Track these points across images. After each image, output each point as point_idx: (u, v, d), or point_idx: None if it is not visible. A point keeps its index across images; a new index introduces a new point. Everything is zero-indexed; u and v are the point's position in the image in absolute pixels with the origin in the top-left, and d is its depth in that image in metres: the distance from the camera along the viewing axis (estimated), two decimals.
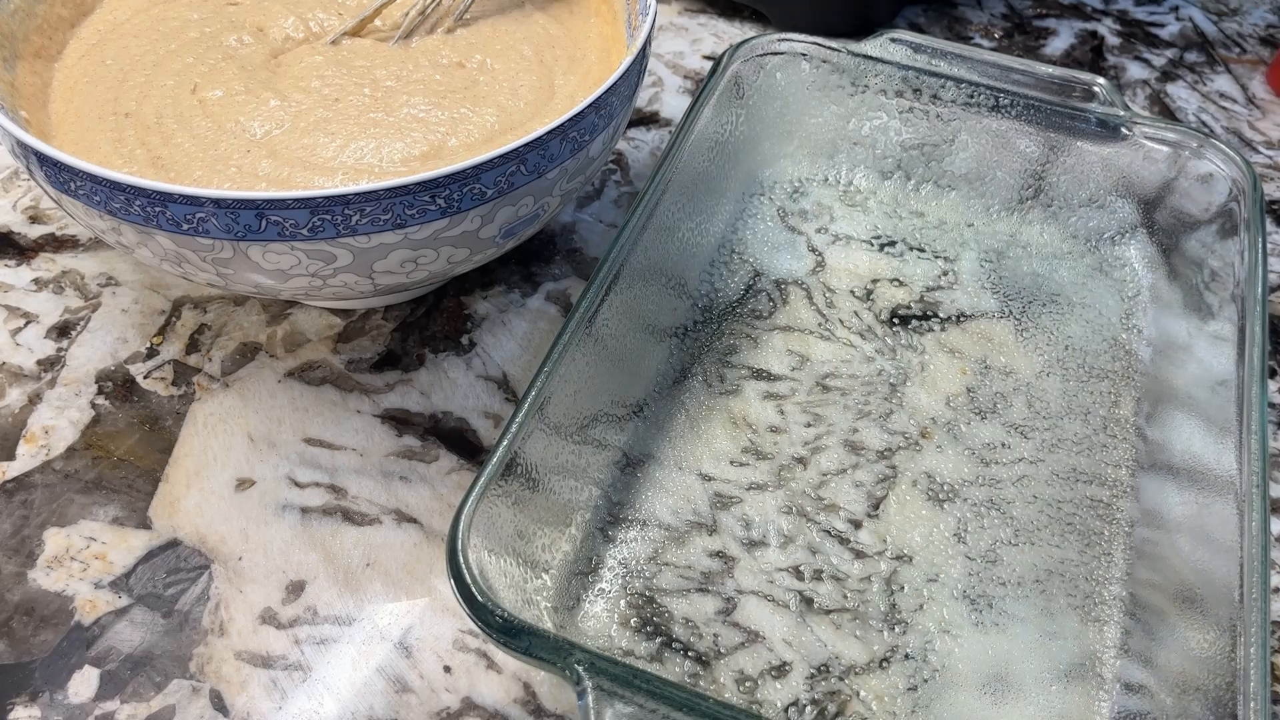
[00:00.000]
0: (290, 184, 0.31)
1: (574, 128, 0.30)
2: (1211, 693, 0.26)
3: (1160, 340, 0.37)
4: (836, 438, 0.34)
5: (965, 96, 0.40)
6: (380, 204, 0.28)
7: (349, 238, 0.28)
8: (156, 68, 0.35)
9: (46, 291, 0.38)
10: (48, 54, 0.36)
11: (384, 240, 0.29)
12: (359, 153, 0.32)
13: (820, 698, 0.29)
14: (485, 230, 0.31)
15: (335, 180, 0.31)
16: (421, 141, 0.33)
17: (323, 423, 0.35)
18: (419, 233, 0.29)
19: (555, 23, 0.39)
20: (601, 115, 0.31)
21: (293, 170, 0.31)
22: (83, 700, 0.28)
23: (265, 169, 0.31)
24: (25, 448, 0.34)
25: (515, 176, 0.29)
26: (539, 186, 0.31)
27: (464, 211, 0.29)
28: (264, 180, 0.31)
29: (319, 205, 0.27)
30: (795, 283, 0.39)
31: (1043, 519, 0.32)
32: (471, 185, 0.29)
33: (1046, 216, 0.41)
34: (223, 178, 0.31)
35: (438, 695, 0.29)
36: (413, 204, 0.28)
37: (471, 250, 0.32)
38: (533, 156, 0.29)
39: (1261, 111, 0.50)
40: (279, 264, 0.29)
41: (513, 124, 0.34)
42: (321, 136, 0.33)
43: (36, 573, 0.31)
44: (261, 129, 0.33)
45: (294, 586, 0.31)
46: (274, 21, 0.37)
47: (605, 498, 0.32)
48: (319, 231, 0.28)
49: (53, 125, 0.34)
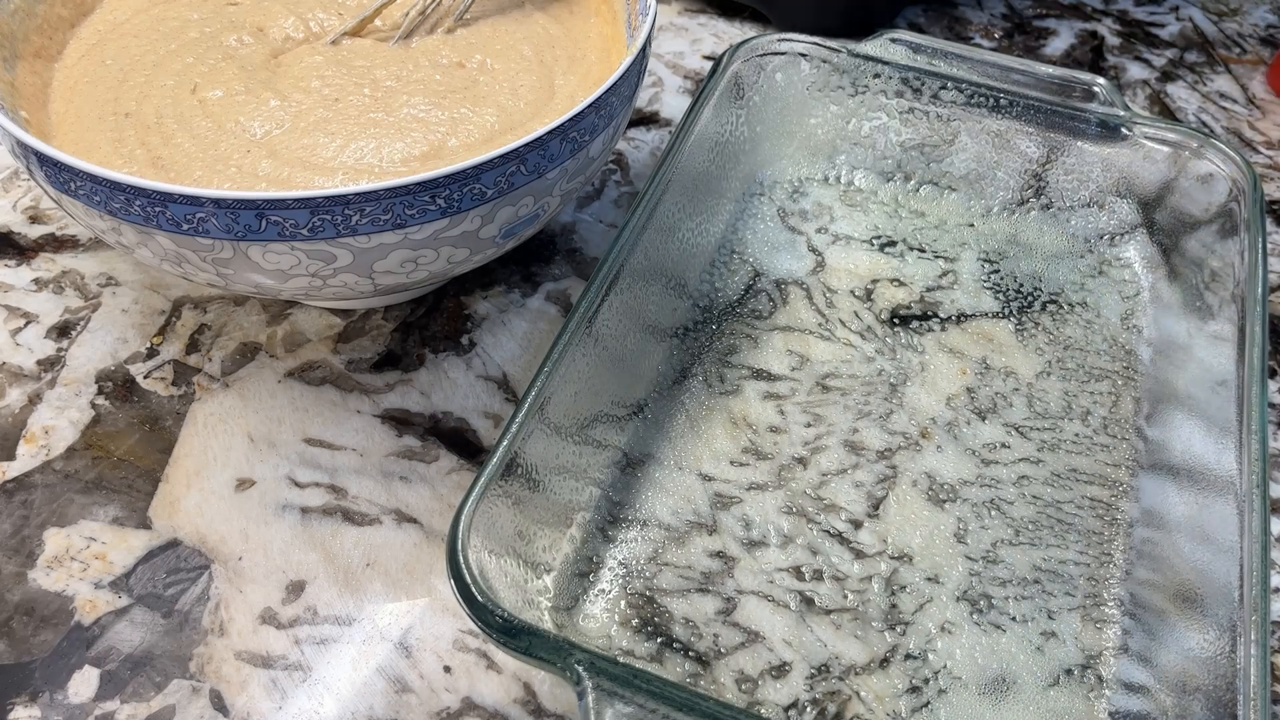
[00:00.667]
0: (290, 184, 0.31)
1: (574, 128, 0.30)
2: (1211, 693, 0.26)
3: (1160, 340, 0.37)
4: (836, 438, 0.34)
5: (965, 96, 0.40)
6: (380, 204, 0.28)
7: (349, 238, 0.28)
8: (156, 68, 0.35)
9: (46, 291, 0.38)
10: (48, 54, 0.36)
11: (384, 240, 0.29)
12: (359, 153, 0.32)
13: (820, 698, 0.29)
14: (485, 230, 0.31)
15: (335, 180, 0.31)
16: (421, 141, 0.33)
17: (323, 423, 0.35)
18: (419, 233, 0.29)
19: (555, 23, 0.39)
20: (601, 115, 0.31)
21: (293, 170, 0.31)
22: (83, 700, 0.28)
23: (265, 169, 0.31)
24: (25, 448, 0.34)
25: (515, 176, 0.29)
26: (539, 186, 0.31)
27: (464, 212, 0.29)
28: (264, 180, 0.31)
29: (319, 205, 0.27)
30: (795, 283, 0.39)
31: (1043, 519, 0.32)
32: (471, 185, 0.29)
33: (1046, 216, 0.41)
34: (223, 178, 0.31)
35: (438, 695, 0.29)
36: (413, 204, 0.28)
37: (471, 250, 0.31)
38: (533, 156, 0.29)
39: (1261, 111, 0.50)
40: (279, 264, 0.29)
41: (513, 124, 0.34)
42: (321, 136, 0.32)
43: (36, 573, 0.31)
44: (262, 129, 0.33)
45: (294, 586, 0.31)
46: (274, 21, 0.37)
47: (605, 498, 0.32)
48: (319, 231, 0.28)
49: (53, 125, 0.34)
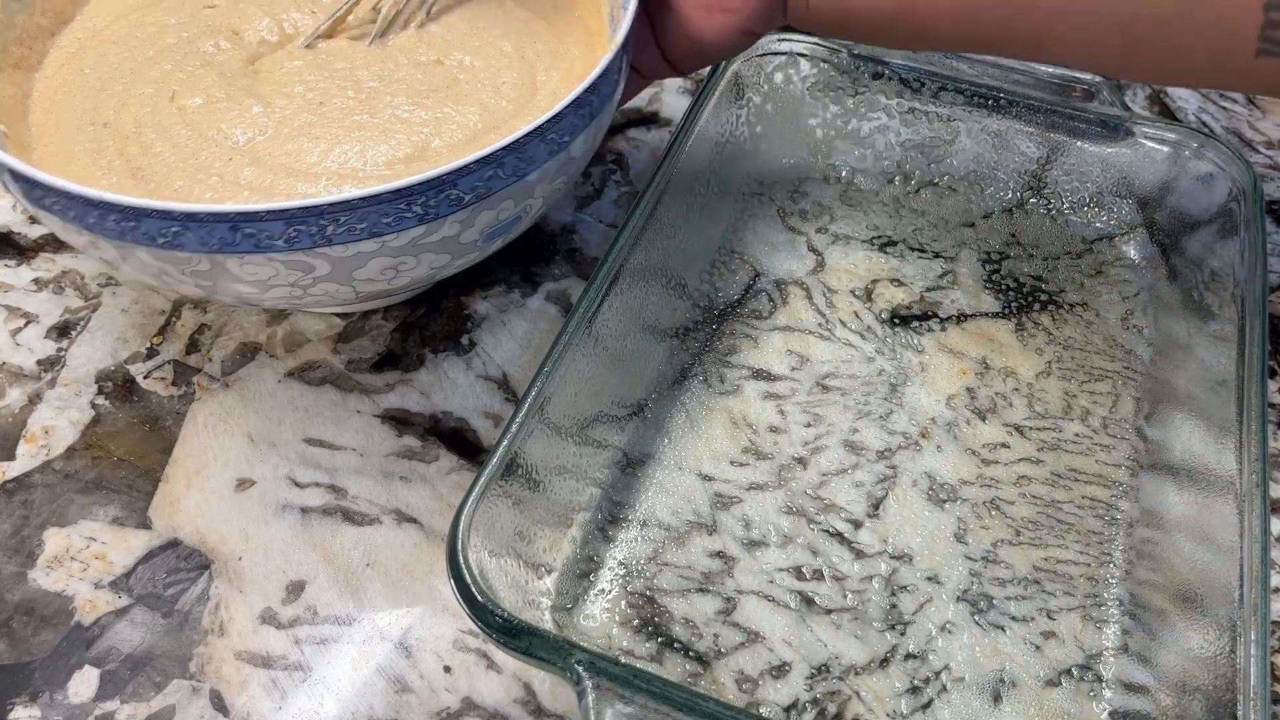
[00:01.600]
0: (274, 191, 0.30)
1: (553, 129, 0.29)
2: (1211, 693, 0.26)
3: (1160, 340, 0.37)
4: (836, 438, 0.34)
5: (965, 97, 0.40)
6: (355, 213, 0.27)
7: (325, 248, 0.28)
8: (134, 75, 0.34)
9: (46, 291, 0.38)
10: (28, 64, 0.35)
11: (362, 249, 0.28)
12: (343, 157, 0.32)
13: (820, 698, 0.29)
14: (466, 235, 0.30)
15: (320, 186, 0.31)
16: (406, 144, 0.32)
17: (323, 423, 0.35)
18: (396, 240, 0.29)
19: (537, 17, 0.38)
20: (582, 114, 0.30)
21: (276, 177, 0.31)
22: (83, 700, 0.28)
23: (248, 177, 0.31)
24: (25, 448, 0.34)
25: (494, 181, 0.29)
26: (518, 189, 0.30)
27: (441, 218, 0.29)
28: (247, 189, 0.31)
29: (293, 216, 0.27)
30: (795, 283, 0.39)
31: (1043, 519, 0.32)
32: (448, 191, 0.28)
33: (1046, 216, 0.41)
34: (204, 187, 0.31)
35: (438, 695, 0.29)
36: (388, 212, 0.28)
37: (453, 255, 0.31)
38: (511, 159, 0.29)
39: (1261, 111, 0.50)
40: (258, 275, 0.29)
41: (496, 123, 0.33)
42: (306, 141, 0.32)
43: (36, 573, 0.31)
44: (244, 136, 0.32)
45: (294, 586, 0.31)
46: (249, 24, 0.36)
47: (605, 498, 0.32)
48: (296, 242, 0.27)
49: (33, 137, 0.33)
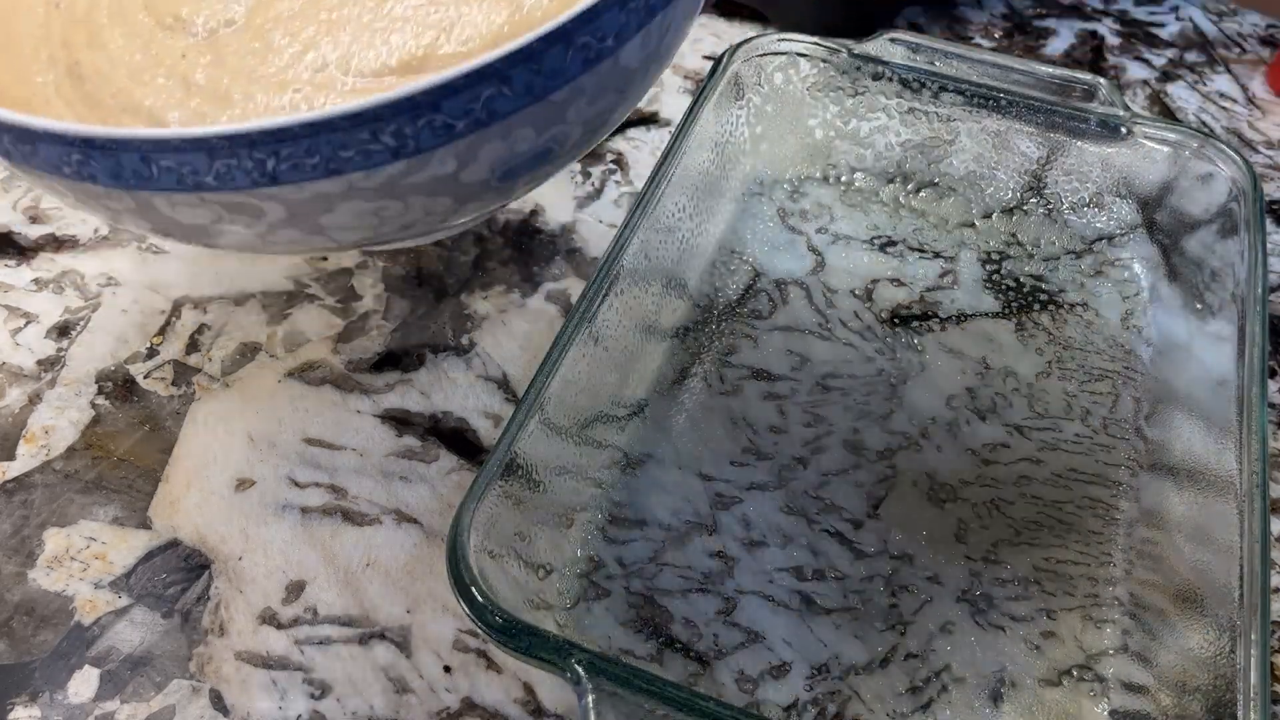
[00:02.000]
0: (228, 100, 0.24)
1: (584, 30, 0.22)
2: (1211, 693, 0.26)
3: (1160, 340, 0.37)
4: (836, 438, 0.34)
5: (965, 97, 0.40)
6: (299, 144, 0.21)
7: (270, 187, 0.22)
8: None
9: (46, 291, 0.38)
10: None
11: (321, 190, 0.22)
12: (322, 60, 0.25)
13: (820, 698, 0.29)
14: (468, 174, 0.24)
15: (285, 98, 0.24)
16: (404, 46, 0.25)
17: (323, 423, 0.35)
18: (367, 180, 0.22)
19: None
20: (633, 9, 0.23)
21: (233, 82, 0.24)
22: (83, 700, 0.28)
23: (200, 79, 0.24)
24: (25, 448, 0.34)
25: (496, 101, 0.22)
26: (540, 114, 0.23)
27: (426, 151, 0.22)
28: (196, 95, 0.24)
29: (216, 147, 0.21)
30: (795, 283, 0.39)
31: (1043, 519, 0.32)
32: (429, 116, 0.21)
33: (1046, 216, 0.41)
34: (146, 90, 0.24)
35: (438, 695, 0.29)
36: (346, 144, 0.21)
37: (457, 199, 0.25)
38: (520, 73, 0.22)
39: (1261, 111, 0.50)
40: (196, 219, 0.23)
41: (529, 25, 0.25)
42: (281, 37, 0.25)
43: (36, 573, 0.31)
44: (205, 25, 0.26)
45: (294, 586, 0.31)
46: None
47: (605, 498, 0.32)
48: (228, 180, 0.21)
49: None
